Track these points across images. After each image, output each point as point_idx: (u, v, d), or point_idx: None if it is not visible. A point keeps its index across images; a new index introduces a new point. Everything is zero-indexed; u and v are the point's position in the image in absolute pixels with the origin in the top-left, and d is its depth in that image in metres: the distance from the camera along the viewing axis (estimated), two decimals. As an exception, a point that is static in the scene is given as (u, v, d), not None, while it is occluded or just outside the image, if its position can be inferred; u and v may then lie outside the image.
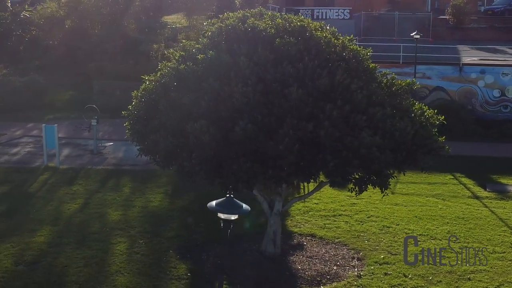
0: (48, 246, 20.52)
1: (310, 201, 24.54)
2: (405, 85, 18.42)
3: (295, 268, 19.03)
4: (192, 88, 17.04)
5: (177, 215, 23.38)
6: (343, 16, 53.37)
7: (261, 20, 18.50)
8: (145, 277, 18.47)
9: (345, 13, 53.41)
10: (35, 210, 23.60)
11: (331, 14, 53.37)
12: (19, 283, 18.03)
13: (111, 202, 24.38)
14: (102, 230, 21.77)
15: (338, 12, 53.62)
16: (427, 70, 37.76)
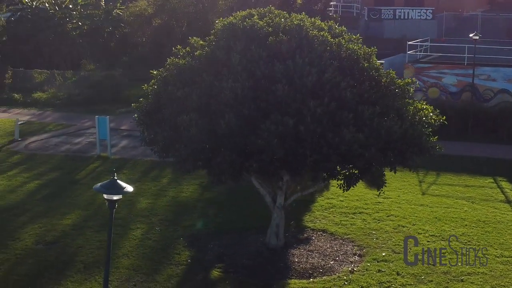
0: (71, 229, 21.97)
1: (336, 198, 24.95)
2: (402, 85, 18.57)
3: (291, 261, 19.55)
4: (188, 82, 17.92)
5: (201, 206, 24.36)
6: (425, 16, 52.80)
7: (263, 19, 19.10)
8: (148, 261, 19.51)
9: (428, 13, 52.80)
10: (74, 195, 25.20)
11: (413, 14, 52.95)
12: (32, 260, 19.49)
13: (146, 191, 25.64)
14: (127, 216, 23.00)
15: (421, 13, 53.07)
16: (492, 72, 37.01)
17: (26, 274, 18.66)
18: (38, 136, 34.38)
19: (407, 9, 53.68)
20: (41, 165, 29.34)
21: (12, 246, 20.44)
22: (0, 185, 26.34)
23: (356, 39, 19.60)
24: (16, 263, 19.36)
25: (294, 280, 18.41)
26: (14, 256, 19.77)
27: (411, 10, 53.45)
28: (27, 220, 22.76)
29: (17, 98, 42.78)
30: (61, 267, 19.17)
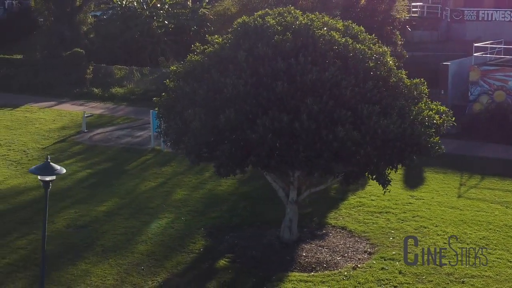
0: (103, 215, 23.27)
1: (367, 197, 25.16)
2: (410, 85, 18.72)
3: (299, 254, 20.05)
4: (197, 78, 18.77)
5: (234, 199, 25.15)
6: (509, 18, 51.42)
7: (275, 18, 19.68)
8: (163, 248, 20.50)
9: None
10: (117, 184, 26.56)
11: (497, 16, 51.70)
12: (58, 242, 20.88)
13: (185, 183, 26.68)
14: (159, 206, 24.11)
15: (505, 14, 51.72)
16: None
17: (48, 253, 19.97)
18: (104, 129, 36.10)
19: (491, 10, 52.40)
20: (97, 155, 30.93)
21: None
22: (54, 173, 27.98)
23: (371, 39, 19.86)
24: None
25: (295, 272, 18.93)
26: (41, 237, 21.15)
27: (495, 12, 52.15)
28: (67, 205, 24.24)
29: (96, 93, 44.93)
30: (81, 249, 20.43)
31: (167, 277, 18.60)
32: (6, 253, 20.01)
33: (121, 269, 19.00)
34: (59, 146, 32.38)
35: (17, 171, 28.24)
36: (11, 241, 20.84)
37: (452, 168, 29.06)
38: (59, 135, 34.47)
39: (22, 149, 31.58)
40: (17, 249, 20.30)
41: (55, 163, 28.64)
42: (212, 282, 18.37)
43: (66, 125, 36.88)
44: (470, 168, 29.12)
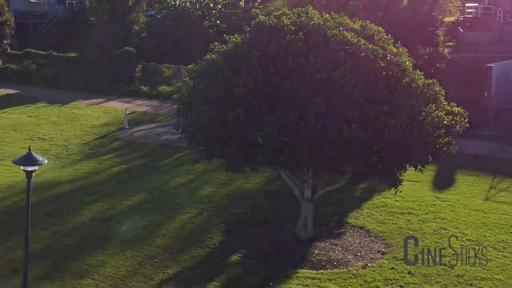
0: (129, 209, 23.93)
1: (392, 197, 25.10)
2: (422, 85, 18.73)
3: (311, 252, 20.25)
4: (212, 76, 19.20)
5: (258, 197, 25.49)
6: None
7: (291, 19, 19.93)
8: (180, 242, 21.00)
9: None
10: (147, 180, 27.21)
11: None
12: (80, 233, 21.62)
13: (214, 180, 27.14)
14: (184, 201, 24.64)
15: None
16: None
17: (68, 244, 20.78)
18: (146, 126, 36.92)
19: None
20: (134, 151, 31.70)
21: (70, 220, 22.68)
22: (90, 167, 28.90)
23: (387, 40, 19.93)
24: (65, 234, 21.55)
25: (304, 270, 19.15)
26: (67, 228, 21.99)
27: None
28: (96, 198, 24.99)
29: (144, 90, 45.90)
30: (101, 241, 21.10)
31: (178, 270, 19.07)
32: (30, 242, 20.67)
33: (136, 261, 19.56)
34: (99, 142, 33.30)
35: (55, 165, 29.18)
36: (36, 231, 21.60)
37: (485, 170, 28.76)
38: (101, 131, 35.43)
39: (64, 144, 32.60)
40: (40, 239, 21.08)
41: (93, 158, 29.74)
42: (221, 276, 18.75)
43: (110, 121, 37.85)
44: (504, 172, 28.72)
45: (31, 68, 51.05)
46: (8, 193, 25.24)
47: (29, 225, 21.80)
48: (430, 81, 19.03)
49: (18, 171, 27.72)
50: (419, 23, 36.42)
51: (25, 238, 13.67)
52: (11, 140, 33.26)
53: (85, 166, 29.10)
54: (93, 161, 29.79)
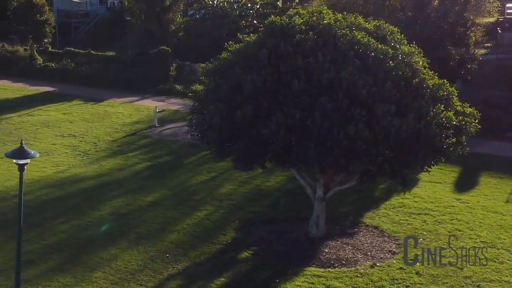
0: (147, 205, 24.35)
1: (411, 198, 25.09)
2: (432, 86, 18.72)
3: (321, 250, 20.36)
4: (223, 75, 19.47)
5: (277, 195, 25.69)
6: None
7: (304, 18, 20.09)
8: (193, 238, 21.33)
9: None
10: (170, 177, 27.65)
11: None
12: (98, 227, 22.10)
13: (235, 178, 27.39)
14: (203, 199, 24.98)
15: None
16: None
17: (85, 238, 21.28)
18: (175, 124, 37.38)
19: None
20: (161, 149, 32.18)
21: (89, 214, 23.20)
22: (116, 163, 29.45)
23: (400, 39, 19.96)
24: (83, 228, 22.05)
25: (312, 267, 19.28)
26: (85, 222, 22.50)
27: None
28: (117, 194, 25.50)
29: (178, 89, 46.41)
30: (117, 235, 21.55)
31: (187, 265, 19.38)
32: (48, 235, 21.36)
33: (148, 255, 19.93)
34: (128, 139, 33.86)
35: (82, 161, 29.82)
36: (56, 225, 22.20)
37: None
38: (131, 129, 36.01)
39: (93, 141, 33.24)
40: (59, 232, 21.63)
41: (120, 155, 30.32)
42: (228, 272, 19.00)
43: (141, 119, 38.44)
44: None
45: (69, 66, 52.06)
46: (33, 187, 25.87)
47: (53, 219, 22.69)
48: (441, 81, 18.96)
49: (45, 167, 28.54)
50: (450, 23, 36.16)
51: (17, 231, 14.01)
52: (43, 137, 34.04)
53: (111, 162, 29.65)
54: (119, 158, 30.33)
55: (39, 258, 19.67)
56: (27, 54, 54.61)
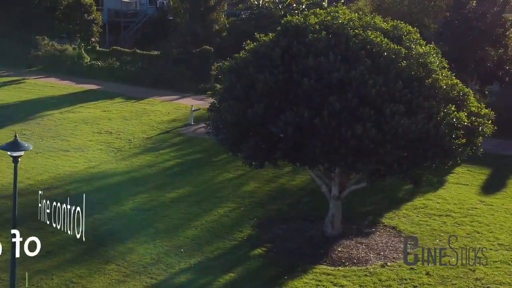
0: (170, 201, 24.81)
1: (434, 199, 25.00)
2: (445, 86, 18.66)
3: (334, 249, 20.45)
4: (238, 73, 19.77)
5: (300, 194, 25.88)
6: None
7: (319, 18, 20.23)
8: (210, 234, 21.66)
9: None
10: (197, 174, 28.08)
11: None
12: (118, 222, 22.64)
13: (261, 176, 27.66)
14: (226, 196, 25.31)
15: None
16: None
17: (104, 231, 21.82)
18: (211, 122, 37.87)
19: None
20: (192, 147, 32.66)
21: (112, 209, 23.74)
22: (146, 160, 30.04)
23: (415, 39, 19.93)
24: (104, 222, 22.60)
25: (322, 265, 19.40)
26: (107, 216, 23.05)
27: None
28: (142, 190, 26.02)
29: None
30: (136, 229, 22.03)
31: (200, 260, 19.71)
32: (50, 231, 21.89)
33: (162, 250, 20.34)
34: (162, 137, 34.45)
35: (114, 157, 30.48)
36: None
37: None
38: (167, 127, 36.62)
39: (128, 138, 33.93)
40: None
41: (152, 152, 30.87)
42: (238, 268, 19.26)
43: (178, 118, 39.02)
44: None
45: (115, 65, 53.10)
46: (63, 182, 26.60)
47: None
48: (454, 81, 18.87)
49: (77, 162, 29.29)
50: (488, 24, 35.74)
51: (12, 223, 14.48)
52: (80, 133, 34.89)
53: (142, 159, 30.23)
54: (150, 155, 30.90)
55: (57, 250, 20.24)
56: (75, 53, 55.93)
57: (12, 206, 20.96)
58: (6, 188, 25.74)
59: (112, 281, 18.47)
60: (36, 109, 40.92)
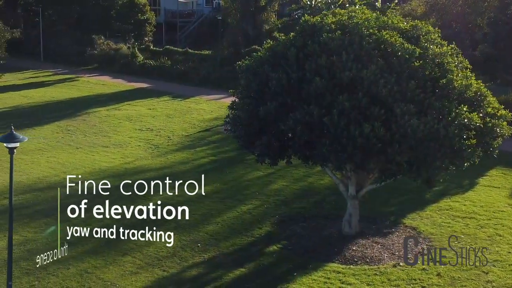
0: (197, 197, 25.11)
1: (461, 201, 24.77)
2: (459, 87, 18.55)
3: (348, 248, 20.51)
4: (254, 72, 20.06)
5: (326, 193, 25.95)
6: None
7: (336, 17, 20.34)
8: (229, 230, 22.01)
9: None
10: (228, 172, 28.47)
11: None
12: (143, 216, 23.14)
13: (291, 175, 27.87)
14: (252, 193, 25.63)
15: None
16: None
17: (127, 225, 22.34)
18: (252, 121, 38.27)
19: None
20: (228, 145, 33.00)
21: (138, 203, 24.04)
22: (182, 157, 30.61)
23: (433, 40, 19.86)
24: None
25: (334, 263, 19.51)
26: (131, 210, 23.58)
27: None
28: (170, 185, 26.44)
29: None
30: (158, 224, 22.43)
31: (214, 255, 20.08)
32: (94, 221, 22.52)
33: (180, 244, 20.79)
34: (201, 135, 34.99)
35: (151, 154, 31.14)
36: (104, 211, 23.40)
37: None
38: (207, 125, 37.16)
39: (168, 135, 34.59)
40: (104, 219, 22.74)
41: (188, 149, 31.38)
42: (250, 264, 19.54)
43: (220, 116, 39.41)
44: None
45: (166, 64, 54.00)
46: (96, 176, 27.31)
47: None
48: (468, 82, 18.70)
49: (114, 158, 30.04)
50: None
51: (9, 216, 15.08)
52: (123, 130, 35.73)
53: (178, 156, 30.80)
54: (187, 152, 31.45)
55: (78, 241, 20.86)
56: (129, 52, 57.11)
57: (42, 199, 21.72)
58: (41, 181, 26.68)
59: (125, 272, 19.01)
60: (84, 106, 42.08)
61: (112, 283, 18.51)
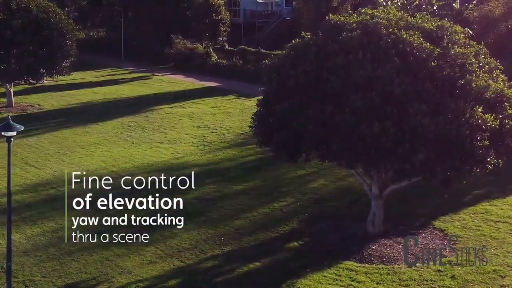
0: (233, 192, 25.79)
1: (499, 205, 24.42)
2: (476, 87, 18.35)
3: (368, 247, 20.51)
4: (276, 70, 20.42)
5: (363, 193, 25.68)
6: None
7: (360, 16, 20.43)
8: (255, 226, 22.42)
9: None
10: (265, 170, 28.75)
11: None
12: (176, 209, 23.81)
13: (333, 175, 27.95)
14: (289, 191, 25.93)
15: None
16: None
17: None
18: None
19: None
20: (276, 143, 33.40)
21: (175, 197, 24.86)
22: (230, 154, 31.22)
23: (457, 40, 19.68)
24: (162, 210, 23.85)
25: (349, 262, 19.61)
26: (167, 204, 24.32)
27: None
28: (212, 181, 27.14)
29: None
30: (189, 217, 23.03)
31: (234, 248, 20.54)
32: (128, 212, 23.40)
33: (204, 237, 21.36)
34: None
35: (202, 150, 31.90)
36: (140, 204, 24.21)
37: None
38: (264, 124, 37.55)
39: (223, 133, 35.28)
40: (139, 210, 23.56)
41: (239, 147, 31.95)
42: (266, 258, 19.88)
43: (279, 115, 39.89)
44: None
45: (237, 63, 54.78)
46: (142, 170, 28.27)
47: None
48: (486, 83, 18.42)
49: (165, 153, 30.97)
50: None
51: (7, 209, 15.91)
52: (180, 127, 36.67)
53: (227, 153, 31.42)
54: (236, 149, 32.02)
55: (108, 230, 21.66)
56: (203, 52, 58.24)
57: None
58: (89, 174, 27.78)
59: (144, 261, 19.72)
60: (150, 103, 43.35)
61: (128, 271, 19.22)
